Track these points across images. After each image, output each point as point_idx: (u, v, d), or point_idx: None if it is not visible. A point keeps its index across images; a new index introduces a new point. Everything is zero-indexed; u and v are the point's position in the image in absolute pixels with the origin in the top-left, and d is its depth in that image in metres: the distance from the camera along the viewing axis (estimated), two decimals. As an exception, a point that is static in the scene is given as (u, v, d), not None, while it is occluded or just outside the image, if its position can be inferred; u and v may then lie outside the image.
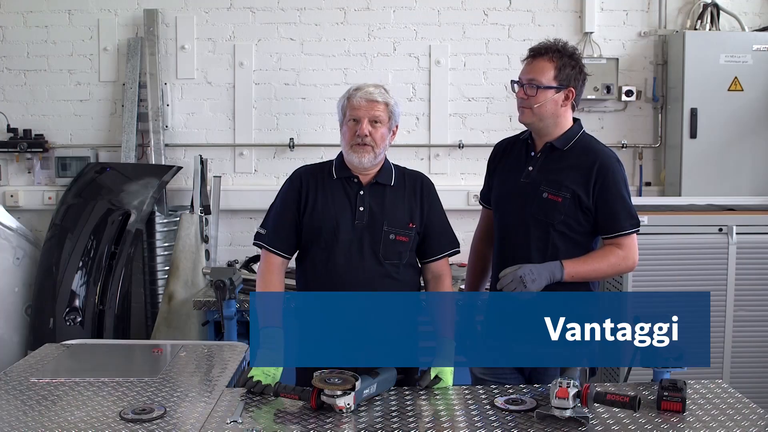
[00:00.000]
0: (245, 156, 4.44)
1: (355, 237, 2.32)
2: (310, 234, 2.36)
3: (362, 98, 2.32)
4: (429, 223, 2.40)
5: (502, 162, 2.55)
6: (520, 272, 2.26)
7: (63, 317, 3.79)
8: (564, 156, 2.40)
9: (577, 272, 2.33)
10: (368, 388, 2.04)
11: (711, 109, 4.16)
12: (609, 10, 4.44)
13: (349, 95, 2.36)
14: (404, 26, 4.43)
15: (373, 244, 2.32)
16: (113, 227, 3.95)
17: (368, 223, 2.33)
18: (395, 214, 2.35)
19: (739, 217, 3.63)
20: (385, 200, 2.37)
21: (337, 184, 2.38)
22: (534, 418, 1.94)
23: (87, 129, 4.44)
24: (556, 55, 2.35)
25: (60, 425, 1.88)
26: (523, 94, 2.37)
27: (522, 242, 2.41)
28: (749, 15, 4.46)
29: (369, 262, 2.31)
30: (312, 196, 2.38)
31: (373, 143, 2.31)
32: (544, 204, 2.37)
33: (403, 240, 2.34)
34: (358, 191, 2.36)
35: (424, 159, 4.47)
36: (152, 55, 4.32)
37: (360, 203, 2.35)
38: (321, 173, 2.43)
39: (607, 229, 2.39)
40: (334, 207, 2.35)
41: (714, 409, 2.02)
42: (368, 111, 2.31)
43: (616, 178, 2.37)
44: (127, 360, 2.61)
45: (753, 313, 3.65)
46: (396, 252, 2.34)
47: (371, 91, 2.34)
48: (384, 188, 2.38)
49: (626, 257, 2.39)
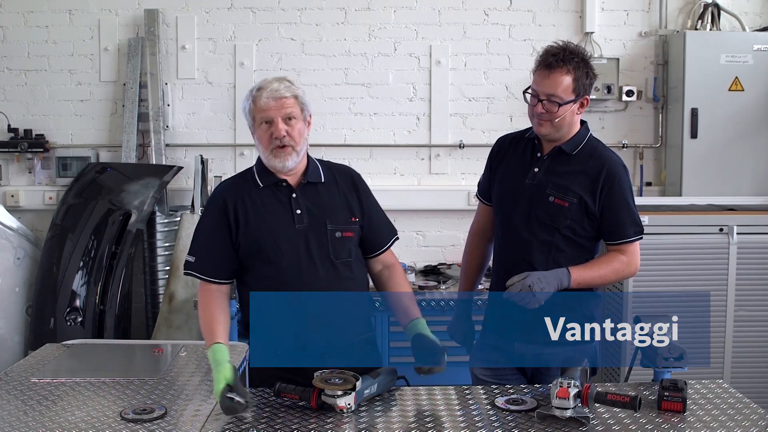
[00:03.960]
0: (246, 156, 4.44)
1: (300, 242, 2.19)
2: (250, 251, 2.20)
3: (269, 98, 2.13)
4: (369, 216, 2.31)
5: (506, 159, 2.52)
6: (528, 281, 2.23)
7: (64, 317, 3.79)
8: (571, 160, 2.38)
9: (583, 279, 2.32)
10: (369, 388, 2.04)
11: (712, 109, 4.16)
12: (609, 10, 4.44)
13: (254, 97, 2.16)
14: (405, 26, 4.43)
15: (320, 246, 2.20)
16: (114, 227, 3.95)
17: (310, 225, 2.20)
18: (335, 211, 2.24)
19: (739, 217, 3.63)
20: (321, 198, 2.24)
21: (265, 193, 2.23)
22: (535, 418, 1.94)
23: (88, 129, 4.44)
24: (572, 66, 2.29)
25: (61, 425, 1.88)
26: (542, 109, 2.31)
27: (525, 243, 2.39)
28: (750, 15, 4.46)
29: (321, 265, 2.19)
30: (242, 212, 2.20)
31: (293, 142, 2.15)
32: (549, 208, 2.36)
33: (349, 236, 2.24)
34: (290, 195, 2.22)
35: (424, 159, 4.47)
36: (153, 55, 4.32)
37: (296, 206, 2.21)
38: (244, 185, 2.25)
39: (612, 235, 2.38)
40: (269, 217, 2.20)
41: (715, 409, 2.01)
42: (279, 110, 2.14)
43: (623, 185, 2.36)
44: (127, 360, 2.61)
45: (753, 313, 3.65)
46: (346, 249, 2.23)
47: (276, 87, 2.15)
48: (316, 186, 2.25)
49: (630, 263, 2.39)
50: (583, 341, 2.43)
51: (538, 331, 2.39)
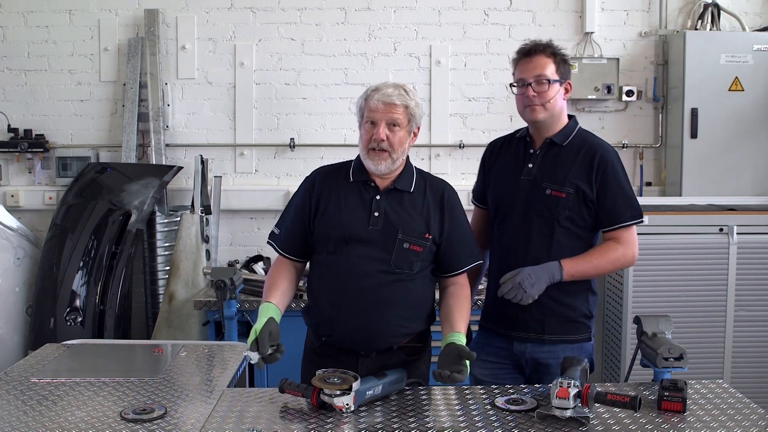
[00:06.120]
0: (246, 156, 4.44)
1: (366, 242, 2.21)
2: (320, 237, 2.27)
3: (379, 101, 2.19)
4: (449, 236, 2.28)
5: (499, 160, 2.55)
6: (519, 278, 2.26)
7: (64, 317, 3.79)
8: (563, 151, 2.41)
9: (576, 271, 2.33)
10: (372, 389, 2.03)
11: (712, 109, 4.16)
12: (609, 10, 4.44)
13: (367, 96, 2.24)
14: (405, 26, 4.43)
15: (384, 252, 2.20)
16: (114, 227, 3.95)
17: (382, 230, 2.22)
18: (411, 223, 2.23)
19: (739, 217, 3.64)
20: (402, 207, 2.25)
21: (352, 188, 2.28)
22: (535, 418, 1.94)
23: (87, 129, 4.44)
24: (549, 51, 2.38)
25: (61, 425, 1.88)
26: (532, 92, 2.36)
27: (524, 240, 2.41)
28: (750, 15, 4.46)
29: (378, 268, 2.19)
30: (324, 200, 2.27)
31: (390, 148, 2.19)
32: (547, 200, 2.38)
33: (417, 250, 2.22)
34: (374, 196, 2.25)
35: (424, 159, 4.47)
36: (153, 55, 4.32)
37: (375, 208, 2.24)
38: (338, 175, 2.32)
39: (609, 220, 2.39)
40: (346, 211, 2.24)
41: (714, 409, 2.01)
42: (385, 114, 2.19)
43: (616, 169, 2.39)
44: (127, 360, 2.61)
45: (753, 313, 3.65)
46: (407, 261, 2.22)
47: (389, 93, 2.20)
48: (402, 194, 2.27)
49: (625, 252, 2.39)
50: (579, 340, 2.45)
51: (530, 328, 2.41)
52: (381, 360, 2.23)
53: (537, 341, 2.42)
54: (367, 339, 2.23)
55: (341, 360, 2.20)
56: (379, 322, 2.20)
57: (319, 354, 2.30)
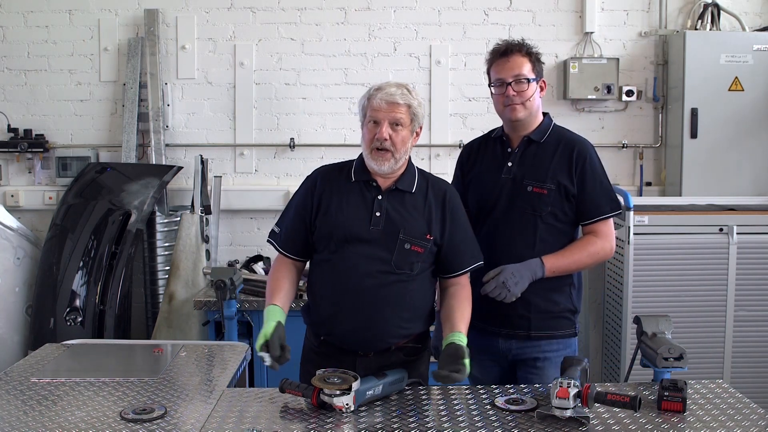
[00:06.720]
0: (246, 156, 4.44)
1: (368, 242, 2.20)
2: (321, 237, 2.27)
3: (382, 100, 2.19)
4: (451, 237, 2.28)
5: (477, 162, 2.58)
6: (502, 277, 2.30)
7: (63, 317, 3.78)
8: (541, 148, 2.45)
9: (558, 267, 2.37)
10: (372, 389, 2.03)
11: (711, 109, 4.16)
12: (609, 10, 4.44)
13: (370, 95, 2.23)
14: (405, 26, 4.43)
15: (385, 252, 2.20)
16: (114, 227, 3.95)
17: (384, 230, 2.21)
18: (412, 224, 2.23)
19: (739, 217, 3.64)
20: (404, 208, 2.25)
21: (354, 187, 2.27)
22: (534, 418, 1.94)
23: (87, 129, 4.44)
24: (524, 50, 2.41)
25: (60, 425, 1.88)
26: (512, 91, 2.39)
27: (508, 238, 2.44)
28: (750, 15, 4.46)
29: (379, 268, 2.19)
30: (326, 200, 2.27)
31: (393, 148, 2.19)
32: (529, 197, 2.41)
33: (418, 251, 2.22)
34: (376, 196, 2.25)
35: (424, 159, 4.47)
36: (153, 55, 4.32)
37: (377, 208, 2.23)
38: (339, 175, 2.32)
39: (588, 213, 2.43)
40: (348, 212, 2.24)
41: (714, 409, 2.01)
42: (388, 113, 2.18)
43: (594, 162, 2.44)
44: (127, 360, 2.61)
45: (753, 313, 3.65)
46: (408, 262, 2.21)
47: (392, 92, 2.19)
48: (403, 195, 2.27)
49: (604, 246, 2.43)
50: (564, 335, 2.47)
51: (515, 325, 2.43)
52: (379, 360, 2.23)
53: (523, 338, 2.44)
54: (366, 339, 2.23)
55: (339, 359, 2.21)
56: (379, 322, 2.20)
57: (318, 353, 2.30)
